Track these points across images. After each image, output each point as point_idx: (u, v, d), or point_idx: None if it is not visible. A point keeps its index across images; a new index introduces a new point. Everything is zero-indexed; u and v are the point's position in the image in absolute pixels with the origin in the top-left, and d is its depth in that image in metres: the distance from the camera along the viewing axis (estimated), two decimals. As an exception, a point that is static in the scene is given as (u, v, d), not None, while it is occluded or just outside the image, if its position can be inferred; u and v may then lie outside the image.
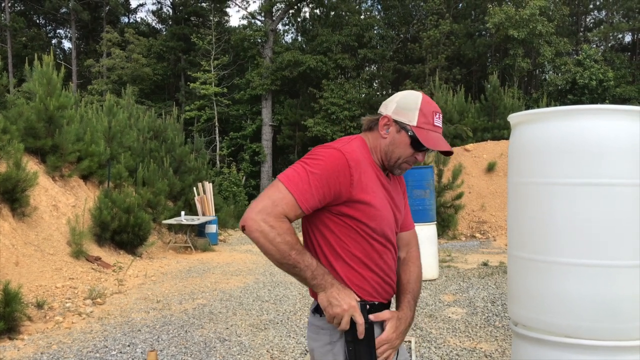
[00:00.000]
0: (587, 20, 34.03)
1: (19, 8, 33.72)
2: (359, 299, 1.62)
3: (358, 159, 1.62)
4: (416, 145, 1.68)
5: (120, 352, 4.63)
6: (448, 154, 1.75)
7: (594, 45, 29.04)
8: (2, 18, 30.23)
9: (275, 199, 1.52)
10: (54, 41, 37.73)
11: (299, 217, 1.60)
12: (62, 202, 8.51)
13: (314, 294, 1.67)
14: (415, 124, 1.66)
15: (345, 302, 1.55)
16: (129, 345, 4.81)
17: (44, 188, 8.26)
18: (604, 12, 32.49)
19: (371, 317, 1.63)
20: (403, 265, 1.89)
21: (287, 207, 1.52)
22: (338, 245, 1.65)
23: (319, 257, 1.66)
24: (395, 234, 1.79)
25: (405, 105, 1.69)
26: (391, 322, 1.68)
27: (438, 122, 1.70)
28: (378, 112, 1.77)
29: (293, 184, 1.53)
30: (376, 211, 1.65)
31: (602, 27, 29.47)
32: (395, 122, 1.69)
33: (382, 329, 1.69)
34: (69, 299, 6.34)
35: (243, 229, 1.51)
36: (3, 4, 30.55)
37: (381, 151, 1.72)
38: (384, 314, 1.68)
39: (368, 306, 1.65)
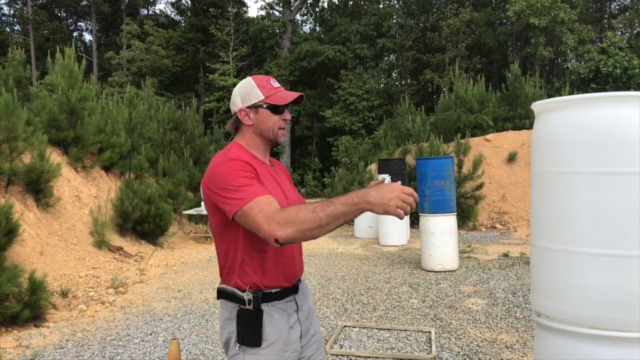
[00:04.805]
0: (612, 6, 33.28)
1: (40, 1, 34.16)
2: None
3: (246, 158, 1.84)
4: (275, 109, 1.91)
5: (143, 341, 4.70)
6: (300, 99, 1.97)
7: (619, 33, 28.42)
8: (25, 11, 30.66)
9: (260, 209, 1.65)
10: (75, 34, 38.21)
11: None
12: (85, 192, 8.64)
13: (223, 281, 1.91)
14: (263, 97, 1.90)
15: (392, 192, 1.59)
16: (150, 334, 4.88)
17: (66, 179, 8.39)
18: (629, -2, 31.74)
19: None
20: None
21: (269, 201, 1.67)
22: (247, 238, 1.82)
23: (237, 251, 1.83)
24: None
25: (246, 92, 1.92)
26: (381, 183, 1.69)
27: (275, 83, 1.95)
28: (232, 115, 1.98)
29: (249, 195, 1.68)
30: None
31: (627, 13, 28.76)
32: (249, 107, 1.91)
33: (302, 332, 1.93)
34: (92, 288, 6.45)
35: (277, 241, 1.61)
36: (25, -2, 30.96)
37: (258, 137, 1.94)
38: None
39: (262, 294, 1.83)
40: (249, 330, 1.82)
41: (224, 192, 1.73)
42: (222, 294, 1.91)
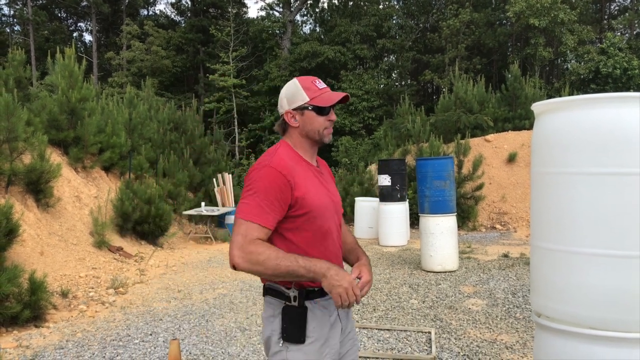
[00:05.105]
0: (612, 7, 33.28)
1: (40, 2, 34.15)
2: (353, 277, 1.86)
3: (288, 164, 1.87)
4: (320, 111, 1.94)
5: (143, 341, 4.70)
6: (345, 100, 2.00)
7: (619, 33, 28.41)
8: (25, 12, 30.66)
9: (243, 233, 1.76)
10: (75, 34, 38.21)
11: (268, 235, 1.82)
12: (85, 193, 8.64)
13: (264, 280, 1.95)
14: (308, 99, 1.93)
15: (344, 280, 1.76)
16: (151, 334, 4.88)
17: (66, 179, 8.39)
18: (629, -1, 31.74)
19: (353, 274, 1.89)
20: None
21: (256, 232, 1.77)
22: (284, 240, 1.88)
23: None
24: (335, 218, 2.01)
25: (291, 94, 1.96)
26: (365, 267, 1.97)
27: (320, 85, 1.98)
28: (280, 116, 2.02)
29: (250, 214, 1.78)
30: (312, 202, 1.88)
31: (627, 14, 28.77)
32: (295, 109, 1.95)
33: (341, 323, 1.98)
34: (92, 288, 6.45)
35: (234, 267, 1.74)
36: (25, -2, 30.95)
37: (304, 138, 1.98)
38: (357, 269, 1.96)
39: (305, 292, 1.88)
40: (294, 327, 1.86)
41: (245, 190, 1.86)
42: (268, 291, 1.94)
